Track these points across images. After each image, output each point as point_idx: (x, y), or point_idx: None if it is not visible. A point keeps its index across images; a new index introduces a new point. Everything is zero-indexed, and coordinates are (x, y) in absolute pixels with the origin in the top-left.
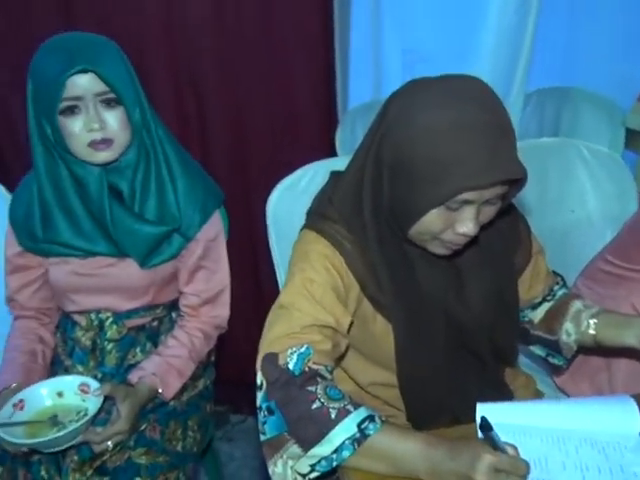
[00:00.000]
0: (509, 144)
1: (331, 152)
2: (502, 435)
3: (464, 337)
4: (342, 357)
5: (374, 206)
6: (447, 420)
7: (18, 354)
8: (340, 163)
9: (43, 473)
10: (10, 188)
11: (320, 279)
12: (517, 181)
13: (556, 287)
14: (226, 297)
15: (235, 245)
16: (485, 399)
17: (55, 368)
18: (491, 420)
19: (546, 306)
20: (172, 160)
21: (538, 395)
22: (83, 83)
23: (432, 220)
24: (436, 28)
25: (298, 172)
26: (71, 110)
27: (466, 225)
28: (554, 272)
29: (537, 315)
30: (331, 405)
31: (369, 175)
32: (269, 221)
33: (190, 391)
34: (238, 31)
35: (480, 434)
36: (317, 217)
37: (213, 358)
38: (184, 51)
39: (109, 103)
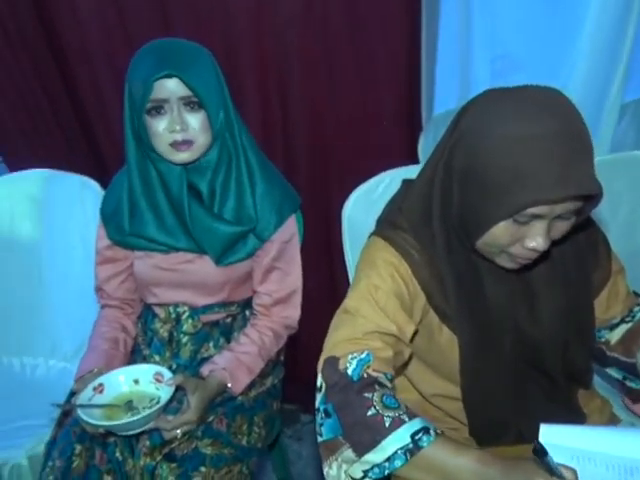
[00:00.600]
0: (585, 158)
1: (413, 159)
2: (564, 458)
3: (534, 355)
4: (405, 365)
5: (443, 215)
6: (511, 438)
7: (102, 341)
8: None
9: (118, 455)
10: (106, 185)
11: (385, 286)
12: (593, 196)
13: (636, 308)
14: (297, 298)
15: (312, 248)
16: (554, 420)
17: (134, 356)
18: (555, 442)
19: (624, 327)
20: (253, 164)
21: (614, 420)
22: (169, 87)
23: (500, 233)
24: (528, 34)
25: (375, 178)
26: (157, 111)
27: (535, 240)
28: (635, 293)
29: (614, 336)
30: (386, 413)
31: (439, 183)
32: (344, 226)
33: (258, 388)
34: (325, 35)
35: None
36: (386, 225)
37: (282, 357)
38: (273, 55)
39: (192, 106)
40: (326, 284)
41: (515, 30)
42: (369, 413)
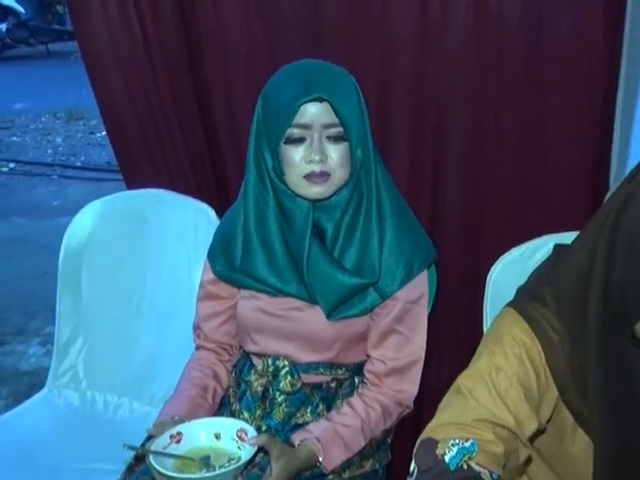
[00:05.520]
0: None
1: None
2: None
3: None
4: (522, 471)
5: (604, 290)
6: None
7: (190, 386)
8: None
9: None
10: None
11: (509, 369)
12: None
13: None
14: (417, 371)
15: (451, 318)
16: None
17: (222, 409)
18: None
19: None
20: (385, 206)
21: None
22: (314, 112)
23: None
24: None
25: (533, 242)
26: (297, 138)
27: None
28: None
29: None
30: None
31: (604, 249)
32: (487, 293)
33: (354, 469)
34: (497, 75)
35: None
36: (525, 295)
37: (390, 440)
38: (430, 95)
39: (335, 138)
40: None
41: None
42: None
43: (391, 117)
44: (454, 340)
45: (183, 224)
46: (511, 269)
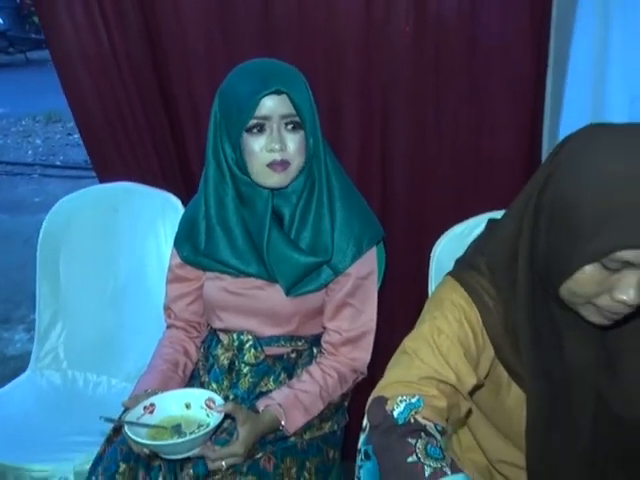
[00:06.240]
0: None
1: None
2: None
3: (621, 437)
4: (463, 423)
5: (530, 260)
6: None
7: (162, 361)
8: None
9: (160, 479)
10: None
11: (450, 331)
12: None
13: None
14: (369, 340)
15: (400, 290)
16: None
17: (192, 382)
18: None
19: None
20: (335, 191)
21: None
22: (272, 104)
23: (586, 279)
24: None
25: (471, 221)
26: (258, 128)
27: (626, 292)
28: None
29: None
30: (427, 462)
31: (529, 222)
32: (431, 269)
33: (314, 431)
34: (435, 66)
35: None
36: (463, 265)
37: (346, 403)
38: (376, 91)
39: (293, 127)
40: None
41: None
42: (409, 459)
43: (341, 111)
44: (403, 310)
45: (152, 214)
46: (452, 245)
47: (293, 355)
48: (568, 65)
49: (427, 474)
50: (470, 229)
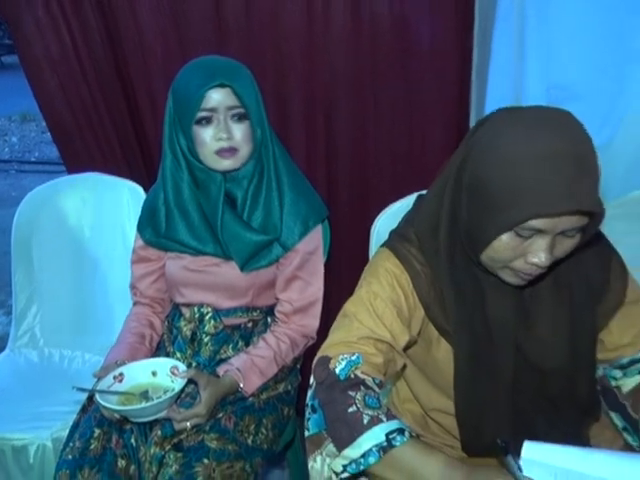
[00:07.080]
0: (588, 178)
1: None
2: (544, 476)
3: (537, 380)
4: (399, 376)
5: (451, 229)
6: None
7: (129, 335)
8: None
9: (132, 441)
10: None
11: (384, 294)
12: (596, 215)
13: None
14: (317, 309)
15: (348, 262)
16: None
17: (158, 352)
18: (536, 458)
19: (638, 378)
20: (282, 176)
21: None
22: (218, 97)
23: (503, 246)
24: (587, 62)
25: (406, 199)
26: (206, 120)
27: (537, 255)
28: None
29: (627, 384)
30: (366, 412)
31: (449, 197)
32: (372, 241)
33: (270, 391)
34: (372, 63)
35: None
36: (395, 236)
37: (299, 365)
38: (319, 83)
39: (238, 117)
40: None
41: (573, 58)
42: (350, 410)
43: (288, 102)
44: (350, 280)
45: (117, 201)
46: (390, 221)
47: (249, 325)
48: (490, 61)
49: (365, 421)
50: (405, 207)
